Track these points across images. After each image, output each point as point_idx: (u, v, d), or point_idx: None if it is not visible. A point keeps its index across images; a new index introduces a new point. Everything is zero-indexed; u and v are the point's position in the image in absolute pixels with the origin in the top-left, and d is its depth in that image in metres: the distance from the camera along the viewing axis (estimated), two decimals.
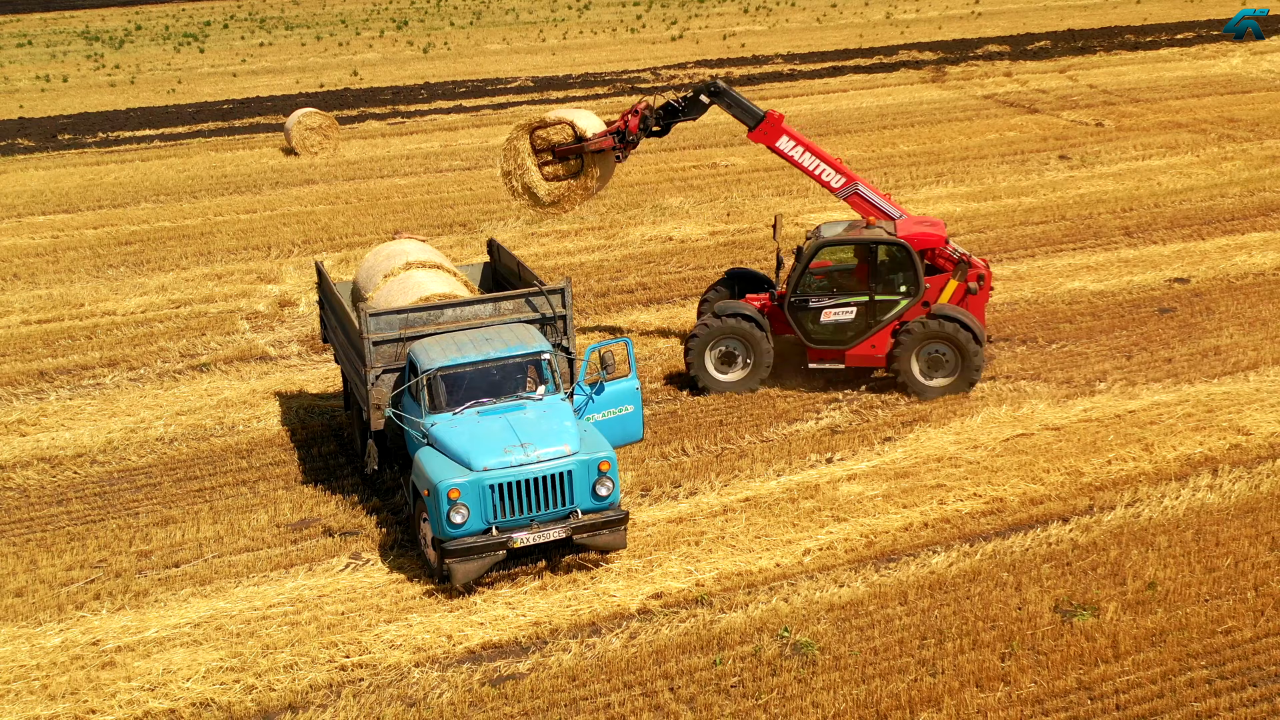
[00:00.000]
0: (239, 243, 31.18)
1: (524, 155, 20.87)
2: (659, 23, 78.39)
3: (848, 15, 79.40)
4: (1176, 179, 34.21)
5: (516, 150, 20.90)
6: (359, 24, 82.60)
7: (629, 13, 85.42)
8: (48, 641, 14.15)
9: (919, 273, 19.96)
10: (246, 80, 59.77)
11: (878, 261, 20.04)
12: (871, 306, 20.04)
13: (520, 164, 20.91)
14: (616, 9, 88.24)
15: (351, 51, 69.06)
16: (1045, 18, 72.92)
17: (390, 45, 71.44)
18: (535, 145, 20.87)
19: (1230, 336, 22.31)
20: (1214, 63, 54.55)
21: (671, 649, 13.58)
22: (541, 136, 20.84)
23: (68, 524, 17.09)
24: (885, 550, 15.55)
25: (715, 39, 68.92)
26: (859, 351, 20.22)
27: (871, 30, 70.47)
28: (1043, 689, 12.71)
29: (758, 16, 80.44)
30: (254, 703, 12.96)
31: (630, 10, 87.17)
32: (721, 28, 74.49)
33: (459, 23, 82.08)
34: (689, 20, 79.07)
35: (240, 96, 54.64)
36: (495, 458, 14.46)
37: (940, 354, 19.97)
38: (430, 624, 14.15)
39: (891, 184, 35.06)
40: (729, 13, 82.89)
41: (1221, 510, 16.14)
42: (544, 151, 20.88)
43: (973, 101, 47.52)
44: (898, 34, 68.25)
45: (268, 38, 77.16)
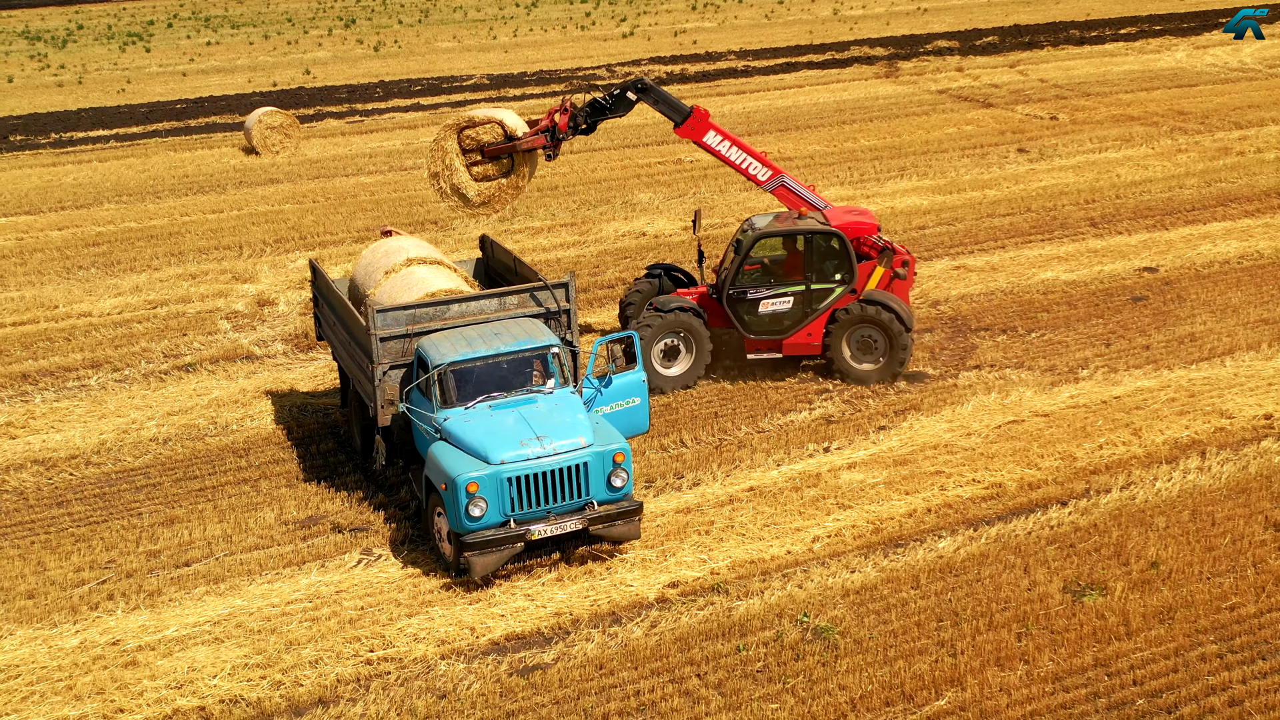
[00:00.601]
0: (209, 242, 30.99)
1: (452, 156, 20.31)
2: (608, 20, 78.55)
3: (795, 12, 79.99)
4: (1134, 171, 34.86)
5: (444, 151, 20.32)
6: (306, 23, 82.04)
7: (578, 10, 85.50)
8: (65, 643, 14.08)
9: (853, 261, 20.34)
10: (197, 79, 59.24)
11: (814, 251, 20.32)
12: (808, 296, 20.40)
13: (448, 165, 20.32)
14: (565, 6, 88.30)
15: (301, 50, 68.61)
16: (990, 13, 73.89)
17: (340, 44, 71.05)
18: (463, 145, 20.35)
19: (1204, 323, 22.84)
20: (1159, 57, 55.63)
21: (694, 636, 13.75)
22: (470, 136, 20.33)
23: (71, 525, 16.98)
24: (892, 536, 15.83)
25: (666, 36, 69.20)
26: (796, 340, 20.56)
27: (821, 26, 71.05)
28: (1060, 667, 13.02)
29: (706, 13, 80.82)
30: (282, 698, 12.99)
31: (579, 8, 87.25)
32: (671, 24, 74.78)
33: (407, 21, 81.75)
34: (638, 18, 79.29)
35: (193, 96, 54.17)
36: (512, 451, 14.56)
37: (870, 338, 20.43)
38: (452, 617, 14.23)
39: (856, 178, 35.51)
40: (677, 9, 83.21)
41: (1213, 491, 16.56)
42: (472, 151, 20.37)
43: (928, 96, 48.10)
44: (847, 30, 68.91)
45: (214, 37, 76.47)
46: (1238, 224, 29.23)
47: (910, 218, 30.97)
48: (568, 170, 37.43)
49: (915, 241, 28.94)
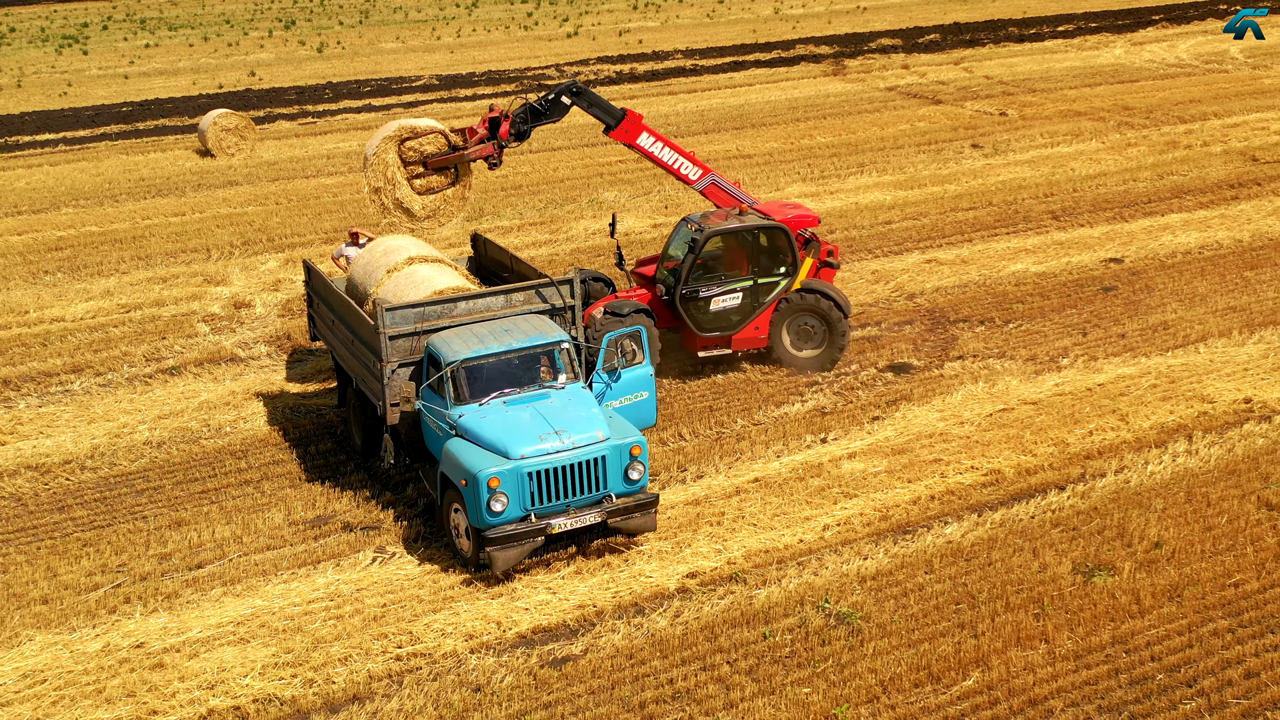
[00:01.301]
0: (175, 245, 30.71)
1: (394, 169, 19.67)
2: (551, 20, 78.57)
3: (736, 11, 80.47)
4: (1088, 165, 35.54)
5: (386, 164, 19.63)
6: (244, 24, 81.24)
7: (519, 10, 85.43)
8: (88, 647, 14.00)
9: (796, 254, 20.72)
10: (140, 82, 58.53)
11: (760, 246, 20.62)
12: (755, 290, 20.69)
13: (390, 179, 19.68)
14: (506, 6, 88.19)
15: (243, 52, 67.98)
16: (929, 11, 74.82)
17: (282, 45, 70.45)
18: (405, 157, 19.80)
19: (1174, 312, 23.41)
20: (1098, 53, 56.67)
21: (719, 624, 13.95)
22: (412, 148, 19.75)
23: (75, 530, 16.85)
24: (900, 523, 16.13)
25: (611, 35, 69.36)
26: (744, 335, 20.91)
27: (764, 25, 71.56)
28: (1079, 645, 13.37)
29: (648, 13, 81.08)
30: (316, 696, 13.02)
31: (520, 8, 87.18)
32: (614, 24, 74.96)
33: (348, 22, 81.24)
34: (580, 17, 79.38)
35: (138, 98, 53.53)
36: (532, 445, 14.68)
37: (808, 326, 20.93)
38: (476, 611, 14.32)
39: (817, 174, 35.90)
40: (619, 9, 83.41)
41: (1204, 474, 17.03)
42: (413, 164, 19.82)
43: (877, 94, 48.68)
44: (790, 29, 69.47)
45: (152, 39, 75.50)
46: (1194, 215, 29.93)
47: (875, 213, 31.38)
48: (529, 170, 37.51)
49: (883, 236, 29.40)
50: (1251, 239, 27.77)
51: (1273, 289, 24.45)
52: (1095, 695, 12.57)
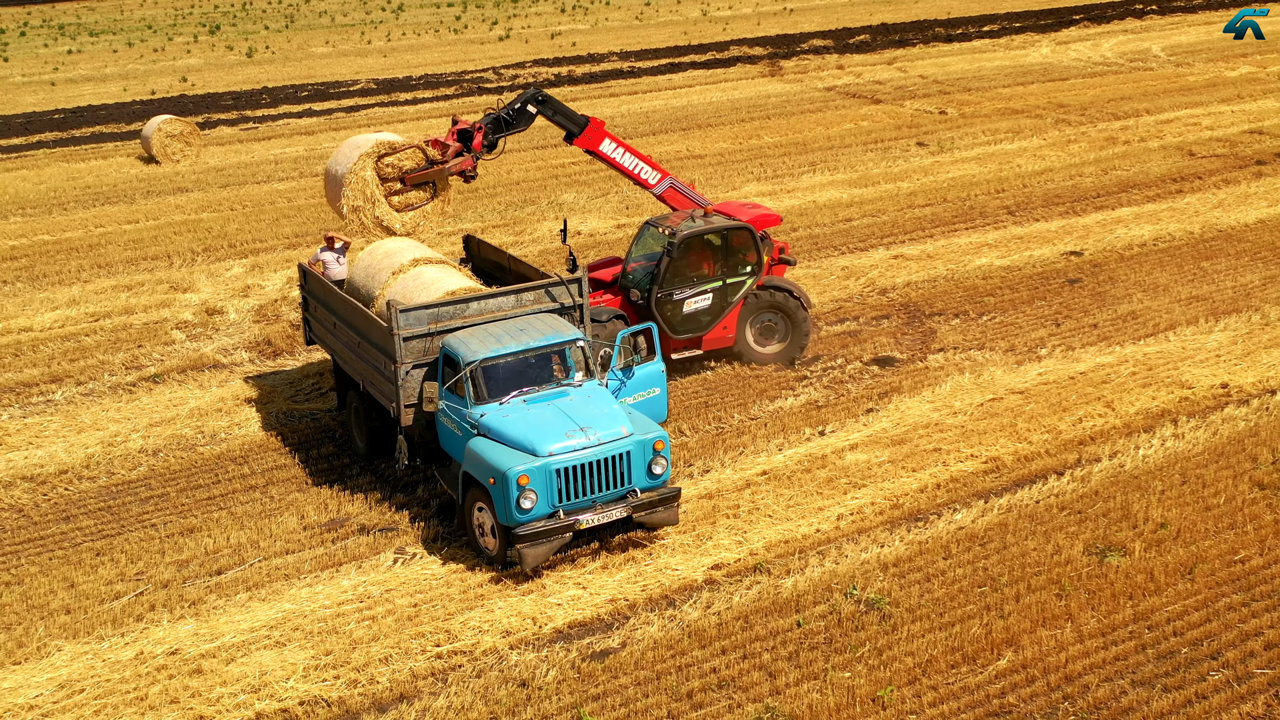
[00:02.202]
0: (134, 253, 30.33)
1: (372, 187, 19.28)
2: (479, 23, 78.38)
3: (664, 14, 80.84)
4: (1034, 161, 36.34)
5: (364, 182, 19.20)
6: (168, 29, 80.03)
7: (446, 14, 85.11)
8: (120, 655, 13.90)
9: (761, 253, 21.07)
10: (68, 89, 57.48)
11: (729, 247, 20.94)
12: (724, 290, 21.02)
13: (370, 197, 19.28)
14: (432, 10, 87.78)
15: (170, 58, 67.00)
16: (855, 12, 75.75)
17: (210, 50, 69.56)
18: (382, 174, 19.43)
19: (1140, 302, 24.10)
20: (1025, 53, 57.83)
21: (751, 614, 14.20)
22: (390, 164, 19.43)
23: (84, 540, 16.67)
24: (911, 511, 16.50)
25: (543, 38, 69.38)
26: (714, 335, 21.24)
27: (694, 27, 72.02)
28: (1103, 623, 13.81)
29: (576, 15, 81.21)
30: (362, 696, 13.06)
31: (446, 11, 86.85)
32: (544, 27, 74.99)
33: (274, 26, 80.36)
34: (509, 20, 79.29)
35: (69, 105, 52.59)
36: (559, 442, 14.82)
37: (771, 322, 21.37)
38: (510, 608, 14.43)
39: (770, 174, 36.30)
40: (546, 11, 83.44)
41: (1194, 456, 17.62)
42: (391, 180, 19.51)
43: (817, 94, 49.28)
44: (721, 30, 69.98)
45: (74, 45, 74.11)
46: (1143, 209, 30.75)
47: (834, 210, 31.85)
48: (485, 173, 37.19)
49: (846, 233, 29.86)
50: (1202, 230, 28.61)
51: (1229, 279, 25.24)
52: (1126, 670, 13.00)
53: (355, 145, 19.77)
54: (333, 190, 19.75)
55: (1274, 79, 47.70)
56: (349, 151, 19.70)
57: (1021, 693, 12.71)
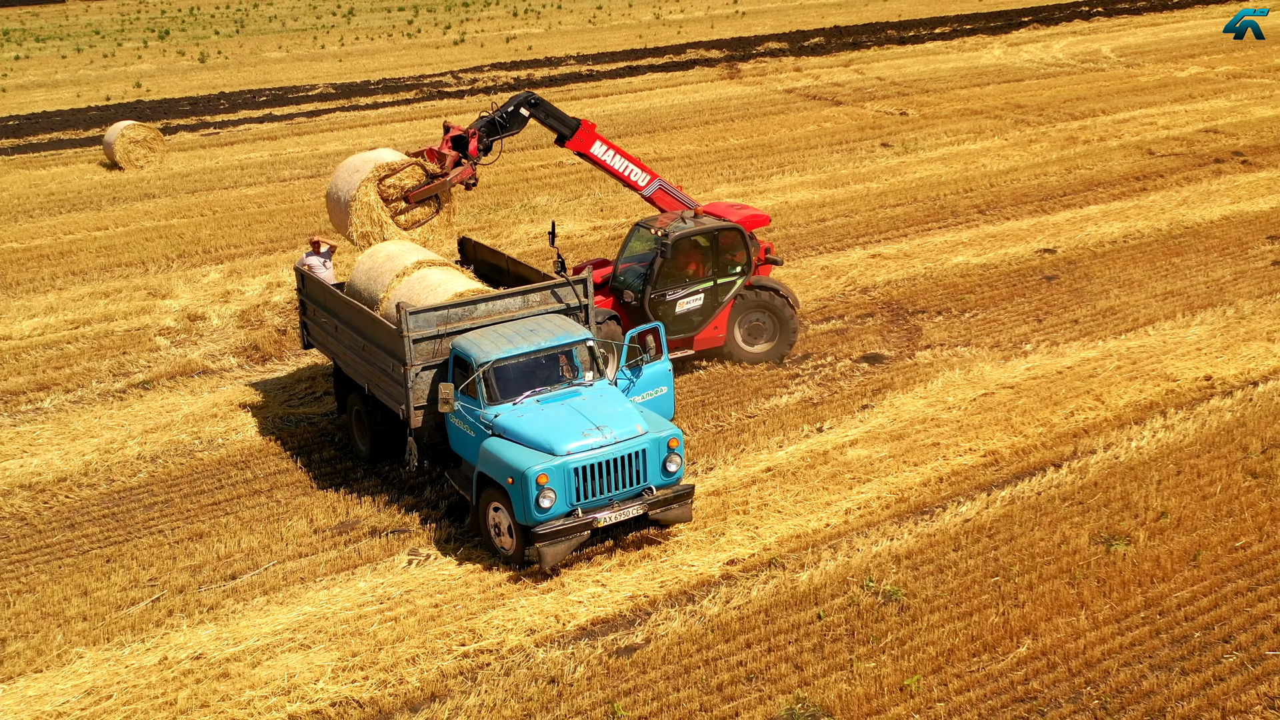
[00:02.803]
0: (108, 260, 30.07)
1: (378, 210, 19.25)
2: (432, 27, 78.19)
3: (616, 17, 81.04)
4: (998, 161, 36.86)
5: (370, 207, 19.20)
6: (116, 35, 79.15)
7: (398, 18, 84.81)
8: (143, 660, 13.86)
9: (750, 253, 21.32)
10: (19, 95, 56.74)
11: (720, 247, 21.17)
12: (715, 290, 21.26)
13: (377, 220, 19.25)
14: (384, 14, 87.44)
15: (122, 63, 66.30)
16: (807, 15, 76.34)
17: (161, 55, 68.91)
18: (386, 195, 19.41)
19: (1117, 298, 24.56)
20: (979, 54, 58.55)
21: (771, 608, 14.39)
22: (392, 184, 19.43)
23: (92, 547, 16.57)
24: (917, 504, 16.77)
25: (498, 42, 69.33)
26: (705, 335, 21.46)
27: (648, 30, 72.26)
28: (1116, 610, 14.12)
29: (529, 19, 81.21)
30: (393, 696, 13.11)
31: (397, 15, 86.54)
32: (498, 31, 74.93)
33: (224, 31, 79.72)
34: (462, 24, 79.14)
35: (23, 112, 51.93)
36: (576, 441, 14.94)
37: (759, 322, 21.61)
38: (532, 607, 14.53)
39: (740, 175, 36.56)
40: (499, 16, 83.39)
41: (1186, 447, 18.03)
42: (395, 200, 19.49)
43: (778, 96, 49.64)
44: (675, 33, 70.25)
45: (20, 51, 73.11)
46: (1110, 207, 31.30)
47: (808, 211, 32.16)
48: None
49: (821, 233, 30.17)
50: (1170, 227, 29.17)
51: (1201, 274, 25.78)
52: (1143, 655, 13.31)
53: (354, 169, 19.60)
54: (338, 215, 19.68)
55: (1222, 79, 48.62)
56: (349, 176, 19.54)
57: (1044, 679, 12.98)
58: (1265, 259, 26.58)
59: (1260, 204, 30.79)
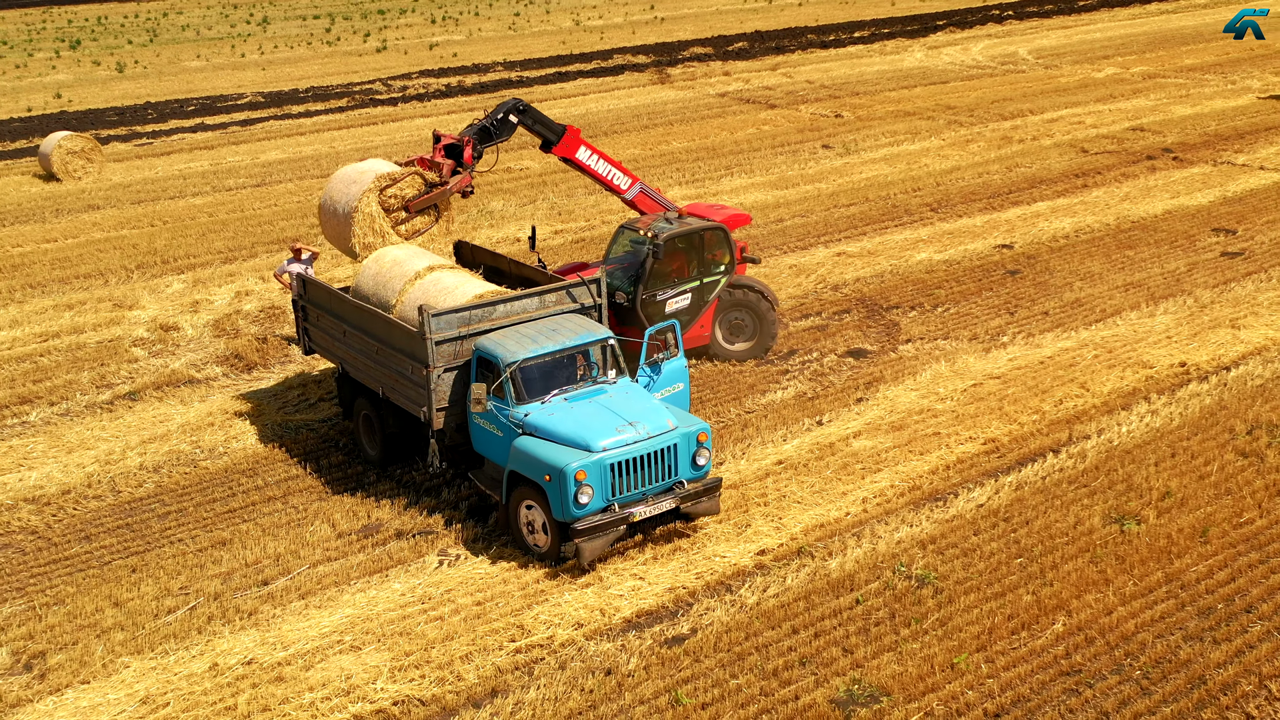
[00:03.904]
0: (64, 272, 29.58)
1: (380, 221, 19.17)
2: (351, 34, 77.62)
3: (535, 23, 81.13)
4: (939, 161, 37.71)
5: (372, 218, 19.09)
6: (24, 45, 77.39)
7: (314, 26, 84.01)
8: (192, 667, 13.80)
9: (734, 252, 21.76)
10: None
11: (705, 247, 21.58)
12: (701, 290, 21.69)
13: (380, 231, 19.18)
14: (298, 22, 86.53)
15: (36, 74, 64.92)
16: (726, 20, 77.14)
17: (76, 66, 67.56)
18: (386, 205, 19.33)
19: (1081, 290, 25.35)
20: (901, 57, 59.70)
21: (810, 594, 14.74)
22: (393, 194, 19.36)
23: (113, 558, 16.41)
24: (929, 492, 17.23)
25: (421, 49, 69.08)
26: (692, 334, 21.86)
27: (571, 36, 72.46)
28: (1140, 586, 14.69)
29: (447, 26, 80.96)
30: (454, 694, 13.21)
31: (313, 23, 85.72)
32: (418, 38, 74.62)
33: (138, 40, 78.33)
34: (381, 32, 78.66)
35: None
36: (611, 438, 15.15)
37: (739, 320, 22.03)
38: (575, 601, 14.71)
39: (689, 178, 36.95)
40: (416, 23, 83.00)
41: (1175, 430, 18.73)
42: (395, 210, 19.45)
43: (713, 100, 50.17)
44: (598, 39, 70.56)
45: None
46: (1056, 203, 32.22)
47: (764, 212, 32.62)
48: None
49: (782, 233, 30.66)
50: (1117, 222, 30.11)
51: (1156, 266, 26.68)
52: (1174, 627, 13.88)
53: (350, 180, 19.40)
54: (335, 226, 19.42)
55: (1139, 79, 50.15)
56: (346, 188, 19.33)
57: (1085, 653, 13.48)
58: (1213, 250, 27.56)
59: (1198, 198, 31.87)
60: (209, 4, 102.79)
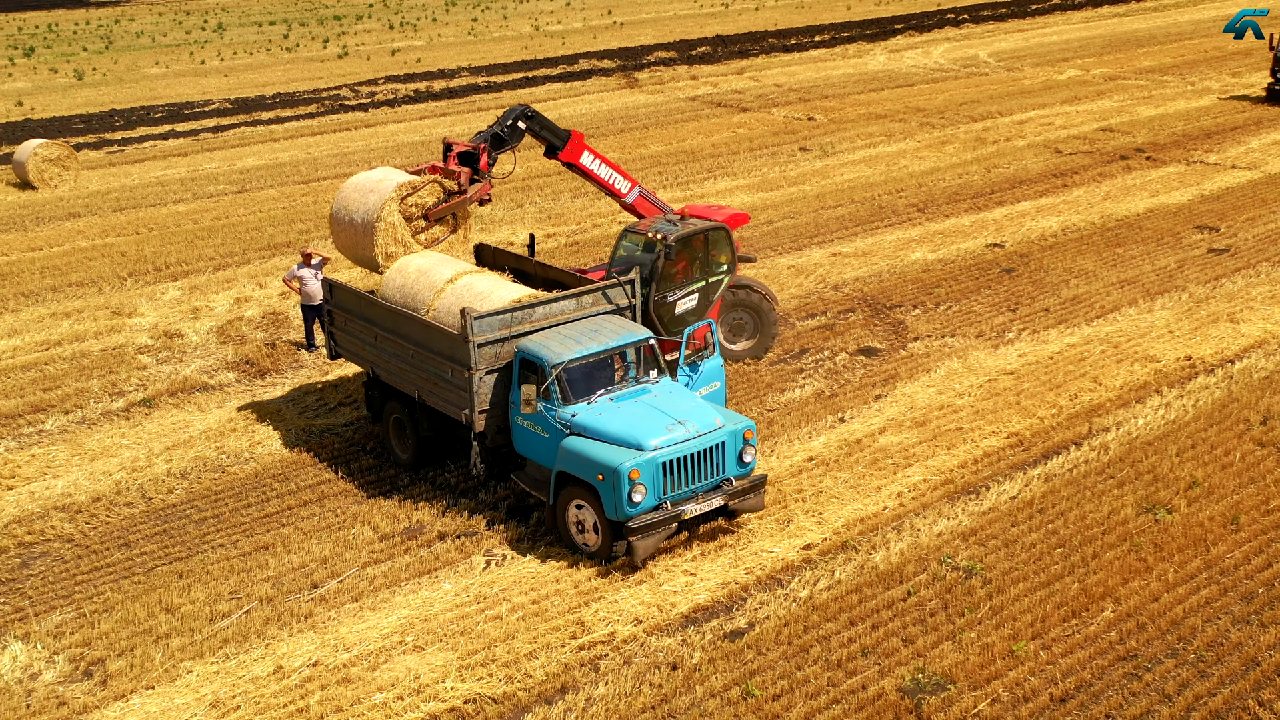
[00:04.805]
0: (56, 280, 29.30)
1: (402, 230, 19.07)
2: (310, 40, 77.19)
3: (495, 29, 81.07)
4: (917, 162, 38.18)
5: (394, 227, 18.97)
6: None
7: (271, 32, 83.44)
8: (256, 670, 13.81)
9: (734, 252, 22.01)
10: None
11: (709, 247, 21.81)
12: (707, 289, 21.93)
13: (401, 240, 19.07)
14: (254, 29, 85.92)
15: None
16: (685, 25, 77.49)
17: (33, 73, 66.73)
18: (406, 214, 19.28)
19: (1078, 287, 25.81)
20: (864, 61, 60.28)
21: (861, 587, 14.98)
22: (414, 203, 19.30)
23: (155, 564, 16.35)
24: (962, 486, 17.54)
25: (384, 55, 68.85)
26: (699, 334, 22.03)
27: (533, 41, 72.50)
28: (1181, 573, 15.05)
29: (405, 31, 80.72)
30: (524, 691, 13.32)
31: (270, 30, 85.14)
32: (378, 44, 74.35)
33: (93, 48, 77.46)
34: (340, 38, 78.29)
35: None
36: (662, 436, 15.31)
37: (740, 320, 22.29)
38: (632, 598, 14.86)
39: (672, 181, 37.16)
40: (375, 29, 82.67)
41: (1190, 422, 19.16)
42: (416, 219, 19.40)
43: (684, 103, 50.44)
44: (560, 44, 70.65)
45: None
46: (1040, 203, 32.75)
47: (753, 213, 32.80)
48: None
49: (774, 234, 30.94)
50: (1101, 220, 30.66)
51: (1146, 263, 27.22)
52: (1220, 611, 14.24)
53: (367, 190, 19.28)
54: (351, 237, 19.25)
55: (1100, 81, 50.97)
56: (362, 197, 19.21)
57: (1138, 638, 13.81)
58: (1200, 247, 28.15)
59: (1177, 196, 32.51)
60: (160, 11, 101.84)
